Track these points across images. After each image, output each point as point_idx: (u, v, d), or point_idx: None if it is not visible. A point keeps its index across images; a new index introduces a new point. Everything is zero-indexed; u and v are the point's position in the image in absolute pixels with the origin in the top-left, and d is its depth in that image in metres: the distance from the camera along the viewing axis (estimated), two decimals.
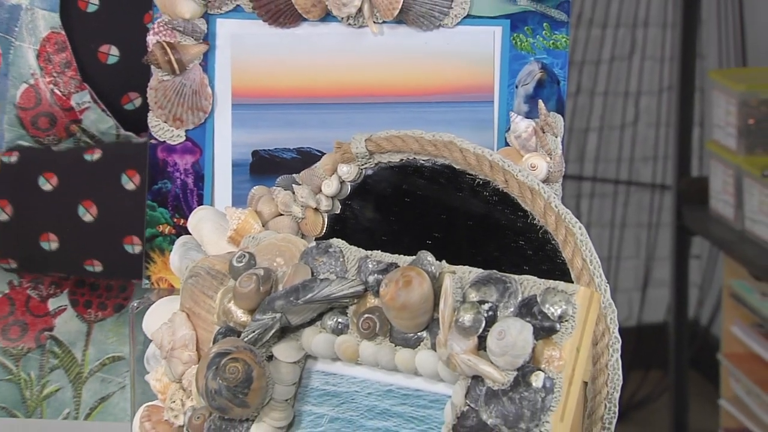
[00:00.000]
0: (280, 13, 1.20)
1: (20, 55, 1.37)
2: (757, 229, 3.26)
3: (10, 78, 1.37)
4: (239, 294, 1.05)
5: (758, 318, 3.31)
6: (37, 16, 1.36)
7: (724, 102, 3.34)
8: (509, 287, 0.98)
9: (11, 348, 1.42)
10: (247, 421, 1.04)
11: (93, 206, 1.35)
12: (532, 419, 0.95)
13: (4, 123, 1.38)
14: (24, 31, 1.37)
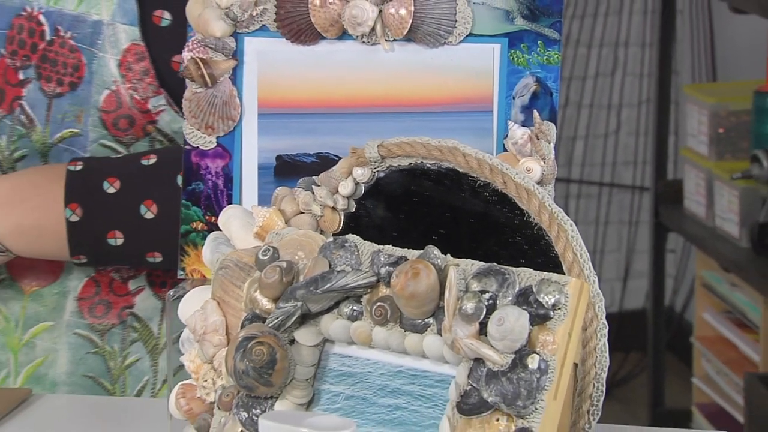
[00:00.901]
0: (301, 32, 1.20)
1: (103, 64, 1.38)
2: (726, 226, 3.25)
3: (93, 85, 1.38)
4: (264, 284, 1.05)
5: (727, 306, 3.31)
6: (118, 30, 1.37)
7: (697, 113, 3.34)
8: (507, 278, 0.97)
9: (97, 324, 1.42)
10: (271, 398, 1.04)
11: (153, 205, 1.35)
12: (528, 397, 0.94)
13: (89, 124, 1.39)
14: (107, 43, 1.37)
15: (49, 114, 1.40)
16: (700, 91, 3.34)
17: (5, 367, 1.42)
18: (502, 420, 0.95)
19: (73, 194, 1.34)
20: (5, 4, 1.39)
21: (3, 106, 1.41)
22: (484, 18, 1.19)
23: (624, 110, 3.96)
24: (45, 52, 1.39)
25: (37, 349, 1.42)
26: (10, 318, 1.42)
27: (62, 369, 1.43)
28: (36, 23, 1.39)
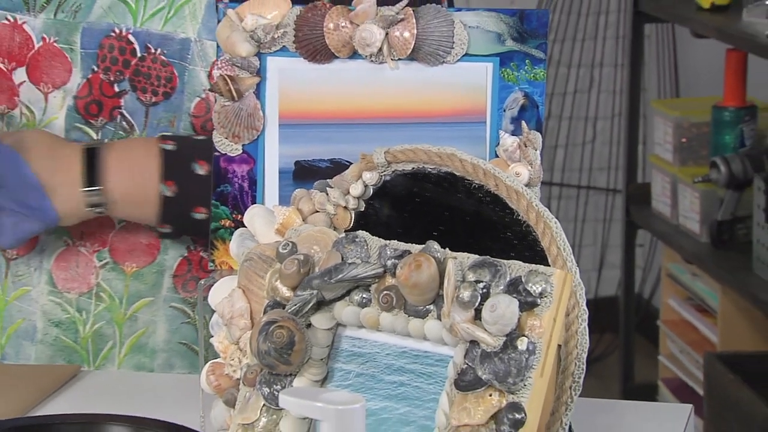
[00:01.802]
0: (317, 52, 1.19)
1: (194, 76, 1.38)
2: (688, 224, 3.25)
3: (185, 94, 1.38)
4: (284, 274, 1.04)
5: (689, 293, 3.31)
6: (206, 45, 1.37)
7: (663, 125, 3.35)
8: (499, 270, 0.96)
9: (189, 298, 1.42)
10: (290, 375, 1.03)
11: None
12: (518, 375, 0.93)
13: (180, 128, 1.39)
14: (196, 57, 1.38)
15: (147, 120, 1.40)
16: (665, 106, 3.35)
17: (111, 339, 1.42)
18: (494, 395, 0.94)
19: (169, 173, 1.35)
20: (93, 27, 1.39)
21: (103, 114, 1.40)
22: (479, 40, 1.18)
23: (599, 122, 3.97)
24: (138, 67, 1.39)
25: (139, 322, 1.42)
26: (114, 296, 1.42)
27: (161, 338, 1.43)
28: (126, 42, 1.39)
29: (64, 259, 1.42)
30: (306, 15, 1.19)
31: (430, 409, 0.97)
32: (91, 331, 1.42)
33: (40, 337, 1.42)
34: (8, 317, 1.44)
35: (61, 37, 1.39)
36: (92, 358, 1.42)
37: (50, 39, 1.40)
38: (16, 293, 1.43)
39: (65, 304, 1.42)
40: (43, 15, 1.40)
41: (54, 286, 1.42)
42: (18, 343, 1.43)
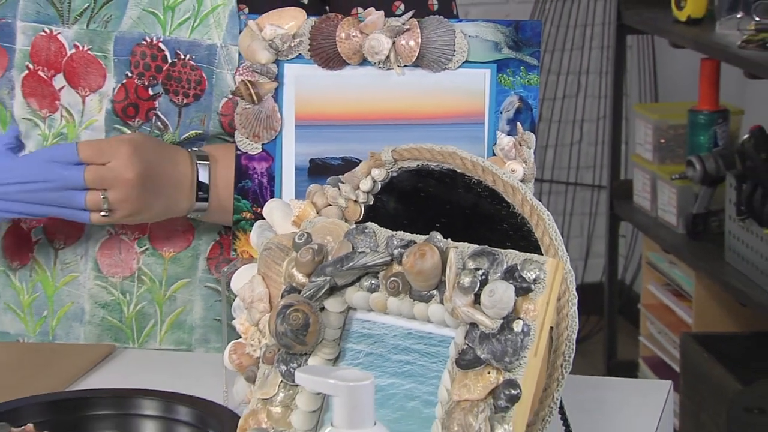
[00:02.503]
0: (330, 60, 1.19)
1: (221, 78, 1.37)
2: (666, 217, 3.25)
3: (214, 95, 1.37)
4: (300, 262, 1.03)
5: (667, 279, 3.32)
6: (231, 50, 1.36)
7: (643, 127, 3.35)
8: (497, 258, 0.96)
9: (220, 278, 1.40)
10: (305, 354, 1.02)
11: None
12: (514, 354, 0.93)
13: (210, 126, 1.38)
14: (222, 61, 1.36)
15: (180, 120, 1.39)
16: (645, 110, 3.35)
17: (153, 317, 1.42)
18: (492, 373, 0.93)
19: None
20: (125, 36, 1.38)
21: (140, 116, 1.39)
22: (477, 48, 1.17)
23: (585, 125, 3.97)
24: (169, 72, 1.38)
25: (177, 302, 1.42)
26: (154, 279, 1.42)
27: (197, 315, 1.42)
28: (157, 50, 1.38)
29: (107, 246, 1.41)
30: (320, 25, 1.19)
31: (434, 385, 0.97)
32: (134, 312, 1.42)
33: (88, 318, 1.42)
34: (58, 301, 1.43)
35: (94, 46, 1.39)
36: (136, 336, 1.42)
37: (83, 47, 1.39)
38: (65, 279, 1.43)
39: (110, 287, 1.42)
40: (76, 26, 1.39)
41: (99, 271, 1.42)
42: (68, 325, 1.43)
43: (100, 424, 1.20)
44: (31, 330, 1.44)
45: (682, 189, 3.08)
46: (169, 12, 1.38)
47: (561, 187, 3.94)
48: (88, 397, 1.21)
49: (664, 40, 3.31)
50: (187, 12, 1.37)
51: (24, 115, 1.42)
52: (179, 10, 1.37)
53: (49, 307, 1.43)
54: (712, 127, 3.07)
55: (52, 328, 1.43)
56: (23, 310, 1.45)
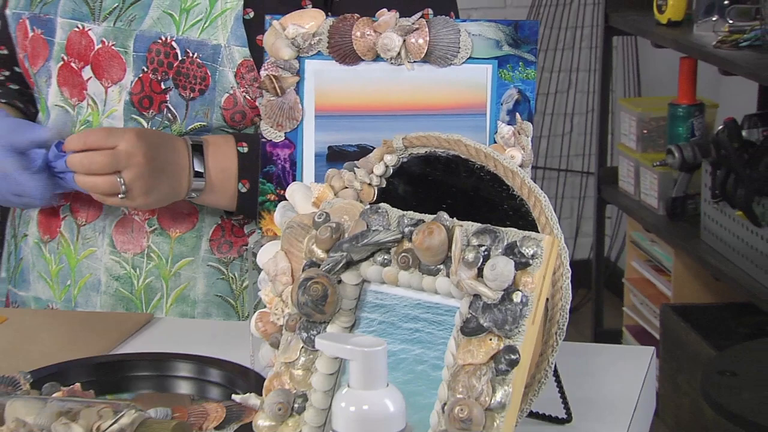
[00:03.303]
0: (346, 56, 1.17)
1: (223, 75, 1.36)
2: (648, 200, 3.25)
3: (217, 90, 1.37)
4: (319, 239, 1.02)
5: (648, 256, 3.32)
6: (233, 51, 1.36)
7: (628, 119, 3.35)
8: (498, 236, 0.95)
9: (223, 258, 1.41)
10: (324, 323, 1.01)
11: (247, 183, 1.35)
12: (513, 323, 0.92)
13: (213, 119, 1.37)
14: (225, 60, 1.36)
15: (187, 112, 1.38)
16: (630, 103, 3.35)
17: (159, 291, 1.41)
18: (494, 340, 0.92)
19: (244, 173, 1.35)
20: (144, 34, 1.38)
21: (153, 107, 1.39)
22: (480, 46, 1.16)
23: (575, 117, 3.96)
24: (179, 68, 1.38)
25: (182, 278, 1.41)
26: (161, 256, 1.41)
27: (200, 291, 1.41)
28: (170, 48, 1.37)
29: (122, 225, 1.42)
30: (337, 25, 1.18)
31: (440, 351, 0.96)
32: (143, 285, 1.42)
33: (103, 288, 1.42)
34: (79, 272, 1.44)
35: (117, 42, 1.39)
36: (144, 307, 1.42)
37: (108, 42, 1.40)
38: (85, 253, 1.43)
39: (123, 262, 1.42)
40: (105, 23, 1.40)
41: (114, 247, 1.42)
42: (87, 294, 1.43)
43: (139, 384, 1.19)
44: (58, 297, 1.45)
45: (662, 175, 3.08)
46: (184, 14, 1.38)
47: (553, 173, 3.93)
48: (128, 360, 1.21)
49: (646, 40, 3.30)
50: (200, 14, 1.37)
51: (57, 102, 1.43)
52: (193, 12, 1.37)
53: (72, 277, 1.44)
54: (690, 119, 3.07)
55: (74, 296, 1.44)
56: (51, 279, 1.46)
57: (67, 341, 1.28)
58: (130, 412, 0.95)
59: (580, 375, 1.19)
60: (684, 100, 3.08)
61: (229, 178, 1.35)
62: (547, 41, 3.82)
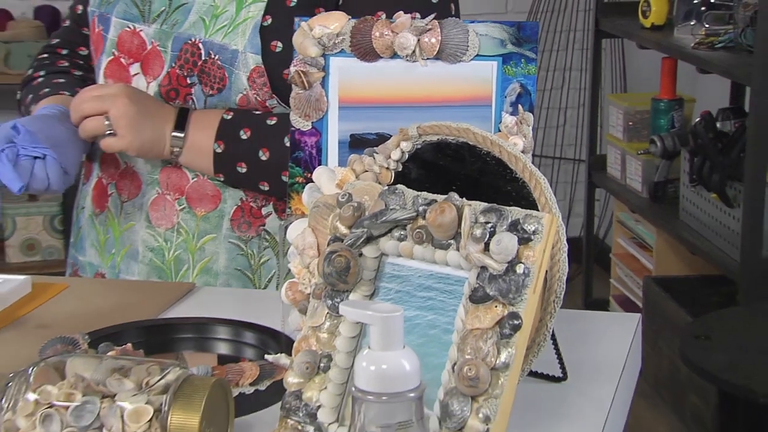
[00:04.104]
0: (366, 54, 1.16)
1: (238, 78, 1.35)
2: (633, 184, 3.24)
3: (232, 91, 1.36)
4: (342, 217, 1.01)
5: (633, 234, 3.31)
6: (248, 56, 1.34)
7: (615, 112, 3.34)
8: (503, 214, 0.93)
9: (242, 236, 1.40)
10: (347, 291, 1.00)
11: (267, 152, 1.34)
12: (516, 292, 0.91)
13: None
14: (240, 64, 1.35)
15: (206, 107, 1.38)
16: (617, 98, 3.34)
17: (187, 263, 1.41)
18: (499, 307, 0.91)
19: (221, 135, 1.35)
20: (180, 36, 1.38)
21: (179, 99, 1.39)
22: (486, 44, 1.14)
23: (568, 111, 3.95)
24: (203, 67, 1.37)
25: (206, 252, 1.41)
26: (189, 232, 1.41)
27: (222, 264, 1.40)
28: (197, 48, 1.37)
29: (156, 203, 1.42)
30: (359, 26, 1.16)
31: (451, 317, 0.94)
32: (173, 256, 1.42)
33: (140, 258, 1.43)
34: (121, 243, 1.44)
35: (160, 42, 1.40)
36: (174, 276, 1.42)
37: (156, 43, 1.40)
38: (126, 226, 1.44)
39: (156, 236, 1.42)
40: (154, 25, 1.40)
41: (150, 222, 1.42)
42: (128, 262, 1.44)
43: (182, 345, 1.19)
44: (105, 263, 1.46)
45: (646, 162, 3.07)
46: (213, 19, 1.37)
47: (548, 160, 3.91)
48: (173, 323, 1.21)
49: (632, 42, 3.28)
50: (226, 21, 1.36)
51: None
52: (221, 18, 1.37)
53: (116, 247, 1.45)
54: (671, 112, 3.07)
55: (117, 263, 1.45)
56: (100, 247, 1.47)
57: (119, 307, 1.27)
58: (175, 369, 0.95)
59: (575, 339, 1.18)
60: (665, 96, 3.08)
61: (205, 141, 1.35)
62: (543, 43, 3.79)
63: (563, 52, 3.86)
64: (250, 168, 1.35)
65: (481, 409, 0.88)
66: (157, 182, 1.41)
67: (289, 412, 0.96)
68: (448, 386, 0.91)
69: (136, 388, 0.93)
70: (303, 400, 0.96)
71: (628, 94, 3.64)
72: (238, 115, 1.36)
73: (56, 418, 0.92)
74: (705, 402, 2.64)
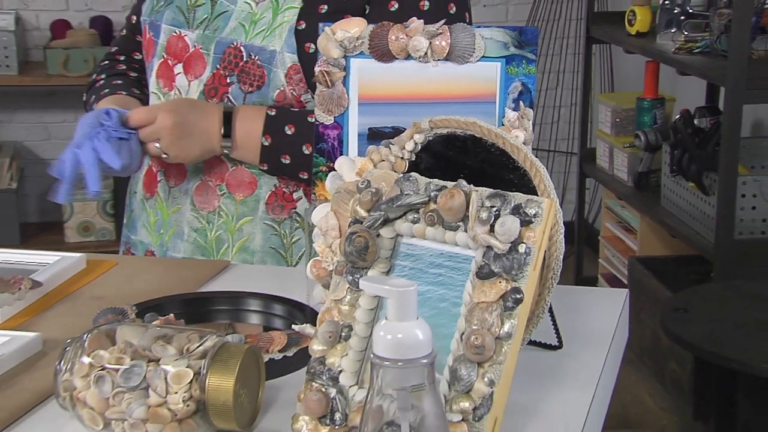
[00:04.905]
0: (383, 55, 1.14)
1: (276, 75, 1.35)
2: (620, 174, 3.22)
3: (270, 87, 1.35)
4: (362, 201, 0.99)
5: (619, 218, 3.29)
6: (285, 56, 1.34)
7: (604, 110, 3.31)
8: (507, 199, 0.92)
9: (276, 218, 1.39)
10: (366, 268, 0.98)
11: (309, 147, 1.34)
12: (518, 269, 0.89)
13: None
14: (278, 63, 1.34)
15: (245, 104, 1.37)
16: (606, 98, 3.31)
17: (226, 242, 1.40)
18: (502, 282, 0.90)
19: (267, 129, 1.35)
20: (222, 40, 1.38)
21: (217, 97, 1.38)
22: (491, 47, 1.12)
23: (562, 109, 3.92)
24: (243, 67, 1.37)
25: (244, 232, 1.40)
26: (228, 214, 1.40)
27: (258, 243, 1.40)
28: (238, 51, 1.37)
29: (200, 188, 1.42)
30: (377, 30, 1.14)
31: (459, 291, 0.93)
32: (214, 236, 1.41)
33: (185, 237, 1.42)
34: (168, 224, 1.44)
35: (203, 46, 1.39)
36: (215, 254, 1.41)
37: (198, 46, 1.40)
38: (173, 209, 1.44)
39: (200, 218, 1.41)
40: (198, 31, 1.40)
41: (194, 205, 1.42)
42: (174, 241, 1.43)
43: (219, 316, 1.18)
44: (155, 241, 1.46)
45: (631, 154, 3.05)
46: (252, 24, 1.37)
47: (544, 153, 3.89)
48: (211, 296, 1.20)
49: (619, 48, 3.25)
50: (264, 25, 1.36)
51: (153, 90, 1.44)
52: (259, 24, 1.36)
53: (164, 227, 1.44)
54: (653, 110, 3.05)
55: (165, 242, 1.44)
56: (151, 227, 1.46)
57: (163, 281, 1.27)
58: (212, 337, 0.94)
59: (569, 312, 1.17)
60: (649, 95, 3.07)
61: (252, 138, 1.34)
62: (540, 49, 3.76)
63: (557, 57, 3.84)
64: (293, 160, 1.35)
65: (486, 374, 0.87)
66: (201, 170, 1.41)
67: (314, 376, 0.95)
68: (457, 353, 0.89)
69: (178, 354, 0.93)
70: (326, 365, 0.95)
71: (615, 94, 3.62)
72: (281, 111, 1.36)
73: (108, 379, 0.92)
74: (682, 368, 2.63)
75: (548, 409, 0.97)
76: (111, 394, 0.91)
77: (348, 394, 0.93)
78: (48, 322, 1.15)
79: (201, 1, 1.41)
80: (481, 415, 0.87)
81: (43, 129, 3.78)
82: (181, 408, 0.90)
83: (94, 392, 0.92)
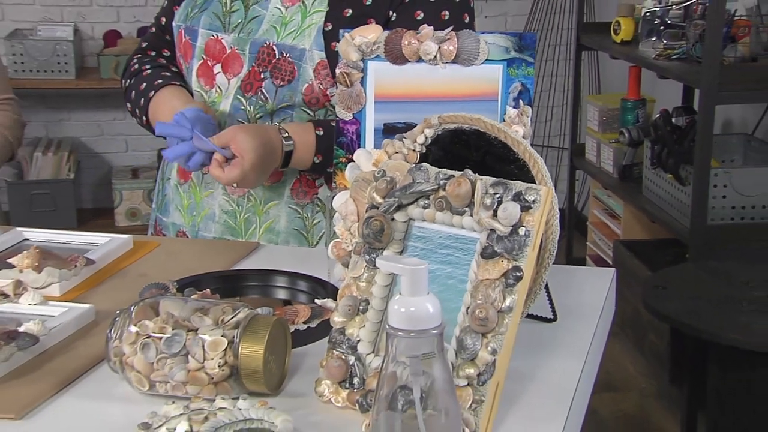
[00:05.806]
0: (397, 58, 1.12)
1: (305, 71, 1.33)
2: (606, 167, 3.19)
3: (300, 81, 1.33)
4: (378, 189, 0.97)
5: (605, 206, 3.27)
6: (314, 53, 1.32)
7: (592, 109, 3.28)
8: (508, 186, 0.90)
9: (299, 202, 1.37)
10: (381, 249, 0.96)
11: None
12: (519, 249, 0.87)
13: (296, 102, 1.34)
14: (307, 59, 1.32)
15: (276, 96, 1.35)
16: (594, 99, 3.29)
17: (254, 223, 1.38)
18: (504, 262, 0.88)
19: (318, 149, 1.32)
20: (256, 41, 1.36)
21: (252, 91, 1.36)
22: (494, 51, 1.10)
23: (554, 109, 3.89)
24: (276, 64, 1.34)
25: (270, 215, 1.38)
26: (257, 198, 1.38)
27: (282, 225, 1.38)
28: (270, 49, 1.35)
29: None
30: (391, 36, 1.12)
31: (465, 269, 0.91)
32: (243, 218, 1.39)
33: (217, 219, 1.40)
34: (201, 206, 1.42)
35: (239, 47, 1.37)
36: (243, 234, 1.40)
37: (234, 48, 1.38)
38: (206, 193, 1.42)
39: (230, 201, 1.39)
40: (233, 34, 1.38)
41: (225, 190, 1.40)
42: (206, 223, 1.41)
43: (250, 291, 1.17)
44: (187, 223, 1.44)
45: (616, 149, 3.02)
46: (283, 26, 1.35)
47: (538, 148, 3.86)
48: (243, 273, 1.19)
49: (606, 54, 3.22)
50: (294, 27, 1.34)
51: (195, 88, 1.42)
52: (290, 26, 1.34)
53: (197, 209, 1.42)
54: (636, 110, 3.03)
55: (197, 223, 1.42)
56: (184, 210, 1.44)
57: (200, 260, 1.25)
58: (244, 309, 0.93)
59: (563, 288, 1.15)
60: (632, 96, 3.04)
61: (305, 162, 1.33)
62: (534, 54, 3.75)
63: (551, 62, 3.80)
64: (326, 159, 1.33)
65: (490, 343, 0.86)
66: None
67: (335, 344, 0.93)
68: (463, 325, 0.88)
69: (214, 324, 0.92)
70: (346, 335, 0.93)
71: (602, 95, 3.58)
72: (328, 130, 1.32)
73: (152, 346, 0.91)
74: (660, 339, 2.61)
75: (544, 375, 0.96)
76: (155, 359, 0.91)
77: (365, 361, 0.92)
78: (100, 296, 1.14)
79: (235, 7, 1.39)
80: (485, 380, 0.85)
81: (97, 126, 3.80)
82: (217, 372, 0.90)
83: (140, 357, 0.91)
